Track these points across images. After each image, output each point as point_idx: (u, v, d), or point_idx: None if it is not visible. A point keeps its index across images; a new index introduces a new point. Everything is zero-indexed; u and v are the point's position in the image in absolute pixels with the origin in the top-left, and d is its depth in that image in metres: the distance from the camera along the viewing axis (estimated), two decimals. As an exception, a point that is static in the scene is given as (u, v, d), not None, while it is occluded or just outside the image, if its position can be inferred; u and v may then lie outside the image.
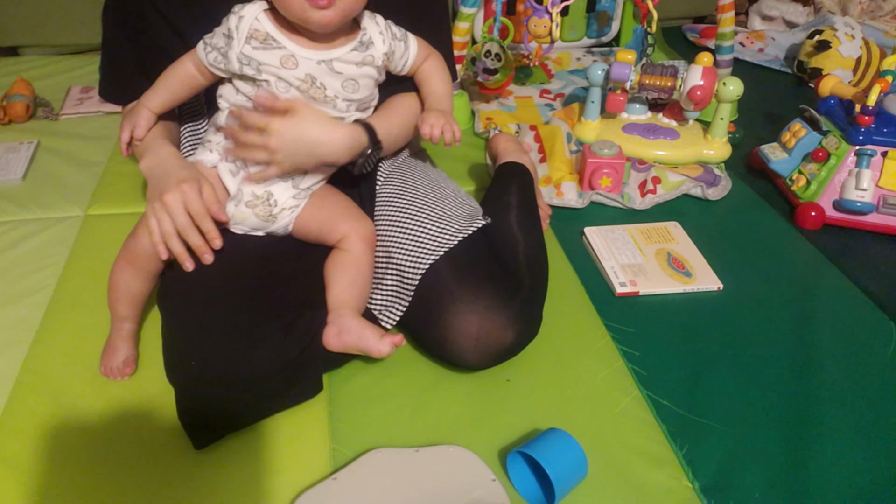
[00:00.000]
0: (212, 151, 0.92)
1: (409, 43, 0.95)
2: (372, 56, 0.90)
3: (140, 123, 0.93)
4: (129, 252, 0.91)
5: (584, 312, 1.09)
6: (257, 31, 0.86)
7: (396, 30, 0.94)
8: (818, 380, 0.98)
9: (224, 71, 0.88)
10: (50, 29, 1.97)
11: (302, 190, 0.94)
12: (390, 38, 0.92)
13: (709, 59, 1.39)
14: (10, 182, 1.38)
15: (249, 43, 0.85)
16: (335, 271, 0.92)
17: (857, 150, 1.27)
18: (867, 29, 2.01)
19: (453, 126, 0.95)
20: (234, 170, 0.91)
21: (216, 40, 0.87)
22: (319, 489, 0.79)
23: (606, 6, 2.01)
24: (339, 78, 0.89)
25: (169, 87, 0.93)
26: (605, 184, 1.34)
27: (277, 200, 0.92)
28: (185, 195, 0.85)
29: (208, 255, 0.87)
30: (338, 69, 0.88)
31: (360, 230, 0.94)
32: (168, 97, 0.94)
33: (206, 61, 0.88)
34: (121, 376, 0.93)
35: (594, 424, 0.90)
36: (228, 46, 0.86)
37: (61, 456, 0.84)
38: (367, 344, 0.86)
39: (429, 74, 0.99)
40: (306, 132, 0.86)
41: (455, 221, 0.97)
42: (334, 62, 0.88)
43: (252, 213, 0.92)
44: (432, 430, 0.88)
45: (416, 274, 0.93)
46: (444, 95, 1.00)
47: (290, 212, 0.94)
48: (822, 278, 1.19)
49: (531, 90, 1.80)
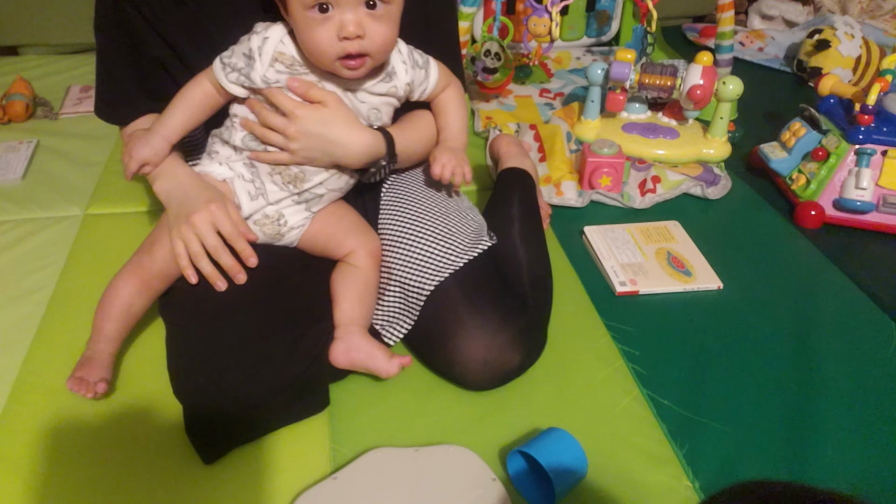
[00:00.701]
0: (221, 164, 0.90)
1: (429, 71, 0.93)
2: (395, 87, 0.90)
3: (156, 153, 0.87)
4: (140, 269, 0.88)
5: (584, 312, 1.09)
6: (283, 53, 0.84)
7: (418, 56, 0.92)
8: (818, 379, 0.97)
9: (247, 90, 0.86)
10: (50, 29, 1.96)
11: (314, 213, 0.94)
12: (412, 66, 0.91)
13: (708, 58, 1.39)
14: (10, 182, 1.38)
15: (274, 66, 0.84)
16: (344, 286, 0.91)
17: (857, 149, 1.27)
18: (867, 28, 2.00)
19: (464, 167, 0.95)
20: (252, 192, 0.89)
21: (235, 60, 0.85)
22: (319, 489, 0.78)
23: (606, 5, 2.00)
24: (364, 107, 0.89)
25: (185, 111, 0.88)
26: (605, 183, 1.34)
27: (288, 221, 0.92)
28: (214, 216, 0.84)
29: (241, 275, 0.85)
30: (362, 99, 0.88)
31: (368, 246, 0.94)
32: (184, 122, 0.89)
33: (225, 82, 0.86)
34: (92, 394, 0.84)
35: (594, 424, 0.90)
36: (250, 67, 0.84)
37: (61, 456, 0.84)
38: (375, 364, 0.87)
39: (446, 106, 0.98)
40: (329, 128, 0.85)
41: (461, 240, 0.95)
42: (359, 93, 0.88)
43: (260, 230, 0.91)
44: (432, 430, 0.88)
45: (421, 293, 0.92)
46: (458, 131, 0.99)
47: (298, 231, 0.94)
48: (822, 278, 1.19)
49: (531, 89, 1.80)
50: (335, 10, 0.78)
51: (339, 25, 0.78)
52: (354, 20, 0.78)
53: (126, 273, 0.89)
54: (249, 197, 0.89)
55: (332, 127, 0.85)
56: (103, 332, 0.88)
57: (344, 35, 0.78)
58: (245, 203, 0.90)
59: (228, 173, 0.90)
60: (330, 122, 0.85)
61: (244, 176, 0.90)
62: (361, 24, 0.78)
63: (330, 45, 0.79)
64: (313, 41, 0.79)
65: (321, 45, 0.79)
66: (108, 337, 0.88)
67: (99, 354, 0.88)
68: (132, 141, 0.89)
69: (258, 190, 0.89)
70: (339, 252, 0.94)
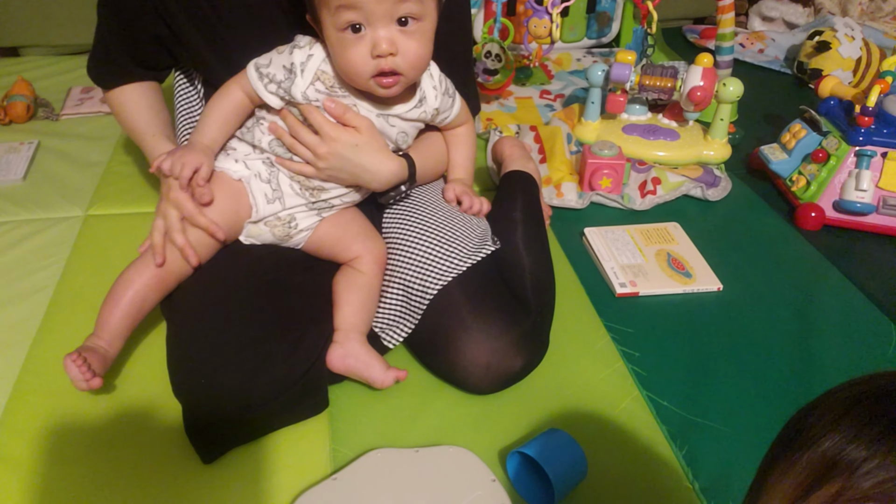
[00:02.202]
0: (237, 161, 0.91)
1: (455, 102, 0.96)
2: (425, 112, 0.92)
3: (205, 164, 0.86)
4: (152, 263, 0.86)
5: (584, 313, 1.09)
6: (325, 73, 0.85)
7: (449, 85, 0.95)
8: (818, 380, 0.98)
9: (284, 101, 0.87)
10: (50, 29, 1.97)
11: (325, 218, 0.95)
12: (442, 92, 0.93)
13: (709, 59, 1.39)
14: (11, 182, 1.38)
15: (315, 84, 0.85)
16: (347, 291, 0.92)
17: (857, 151, 1.27)
18: (867, 30, 2.01)
19: (483, 203, 1.02)
20: (269, 195, 0.90)
21: (273, 71, 0.85)
22: (319, 489, 0.79)
23: (606, 7, 2.01)
24: (394, 131, 0.91)
25: (221, 120, 0.89)
26: (605, 184, 1.34)
27: (299, 224, 0.93)
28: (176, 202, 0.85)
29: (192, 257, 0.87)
30: (392, 123, 0.90)
31: (374, 251, 0.94)
32: (222, 130, 0.90)
33: (264, 93, 0.86)
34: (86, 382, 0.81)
35: (594, 424, 0.90)
36: (290, 82, 0.85)
37: (61, 456, 0.84)
38: (371, 374, 0.88)
39: (461, 142, 1.03)
40: (360, 155, 0.87)
41: (465, 243, 0.95)
42: (391, 118, 0.90)
43: (269, 231, 0.92)
44: (432, 431, 0.88)
45: (424, 297, 0.92)
46: (471, 165, 1.05)
47: (306, 233, 0.94)
48: (822, 279, 1.19)
49: (531, 91, 1.80)
50: (368, 30, 0.79)
51: (372, 44, 0.79)
52: (387, 37, 0.79)
53: (141, 265, 0.86)
54: (266, 200, 0.90)
55: (362, 153, 0.87)
56: (108, 326, 0.85)
57: (377, 53, 0.79)
58: (262, 205, 0.90)
59: (245, 172, 0.90)
60: (362, 148, 0.87)
61: (261, 176, 0.90)
62: (394, 41, 0.79)
63: (364, 63, 0.80)
64: (347, 61, 0.81)
65: (356, 64, 0.80)
66: (111, 332, 0.85)
67: (103, 352, 0.85)
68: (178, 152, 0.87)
69: (275, 193, 0.90)
70: (346, 256, 0.95)
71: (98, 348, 0.85)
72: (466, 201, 1.01)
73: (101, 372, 0.84)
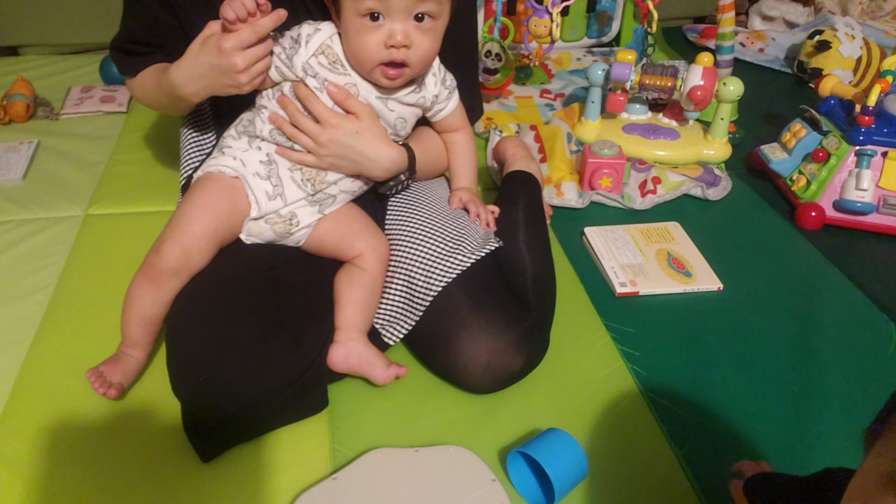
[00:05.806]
0: (235, 159, 0.90)
1: (452, 96, 0.97)
2: (424, 98, 0.93)
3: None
4: (151, 269, 0.86)
5: (584, 312, 1.09)
6: (329, 48, 0.86)
7: (448, 76, 0.95)
8: (818, 380, 0.98)
9: (281, 77, 0.87)
10: (50, 29, 1.97)
11: (326, 215, 0.94)
12: (440, 82, 0.94)
13: (709, 59, 1.39)
14: (11, 182, 1.38)
15: (318, 57, 0.86)
16: (349, 289, 0.91)
17: (858, 151, 1.27)
18: (867, 29, 2.00)
19: (490, 216, 1.02)
20: (270, 191, 0.90)
21: (280, 39, 0.86)
22: (319, 489, 0.79)
23: (607, 6, 2.01)
24: (392, 115, 0.91)
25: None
26: (606, 184, 1.34)
27: (300, 221, 0.92)
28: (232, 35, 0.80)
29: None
30: (392, 107, 0.91)
31: (377, 249, 0.94)
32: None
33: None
34: (103, 391, 0.86)
35: (594, 424, 0.90)
36: (294, 51, 0.85)
37: (61, 456, 0.84)
38: (373, 372, 0.89)
39: (461, 150, 1.03)
40: (361, 142, 0.88)
41: (469, 241, 0.95)
42: (390, 101, 0.90)
43: (270, 228, 0.92)
44: (432, 430, 0.88)
45: (428, 294, 0.92)
46: (471, 172, 1.04)
47: (307, 230, 0.94)
48: (822, 278, 1.19)
49: (531, 90, 1.80)
50: (386, 20, 0.81)
51: (387, 34, 0.81)
52: (403, 30, 0.81)
53: (139, 277, 0.87)
54: (267, 197, 0.90)
55: (363, 140, 0.88)
56: (129, 336, 0.89)
57: (391, 43, 0.81)
58: (263, 202, 0.90)
59: (242, 169, 0.90)
60: (362, 134, 0.88)
61: (260, 173, 0.90)
62: (409, 34, 0.82)
63: (377, 50, 0.82)
64: (361, 45, 0.83)
65: (369, 49, 0.82)
66: (133, 341, 0.89)
67: (126, 358, 0.90)
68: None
69: (276, 190, 0.90)
70: (349, 254, 0.94)
71: (123, 357, 0.90)
72: (473, 209, 1.02)
73: (122, 380, 0.89)
